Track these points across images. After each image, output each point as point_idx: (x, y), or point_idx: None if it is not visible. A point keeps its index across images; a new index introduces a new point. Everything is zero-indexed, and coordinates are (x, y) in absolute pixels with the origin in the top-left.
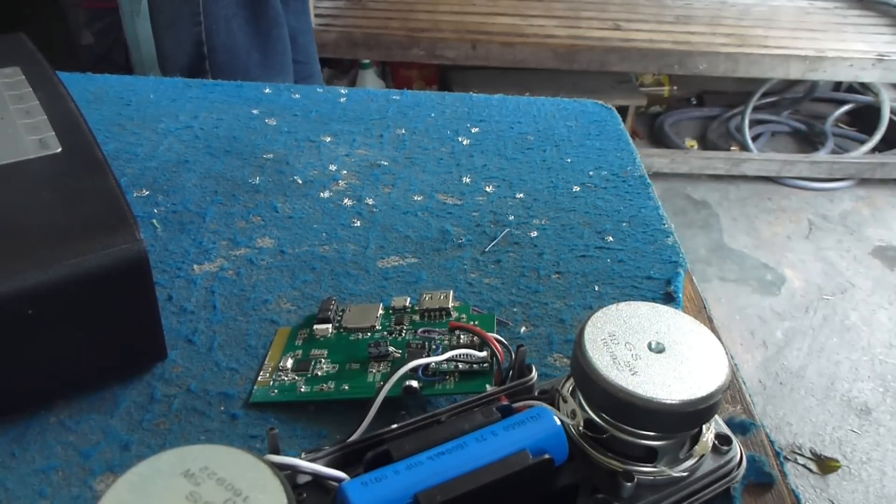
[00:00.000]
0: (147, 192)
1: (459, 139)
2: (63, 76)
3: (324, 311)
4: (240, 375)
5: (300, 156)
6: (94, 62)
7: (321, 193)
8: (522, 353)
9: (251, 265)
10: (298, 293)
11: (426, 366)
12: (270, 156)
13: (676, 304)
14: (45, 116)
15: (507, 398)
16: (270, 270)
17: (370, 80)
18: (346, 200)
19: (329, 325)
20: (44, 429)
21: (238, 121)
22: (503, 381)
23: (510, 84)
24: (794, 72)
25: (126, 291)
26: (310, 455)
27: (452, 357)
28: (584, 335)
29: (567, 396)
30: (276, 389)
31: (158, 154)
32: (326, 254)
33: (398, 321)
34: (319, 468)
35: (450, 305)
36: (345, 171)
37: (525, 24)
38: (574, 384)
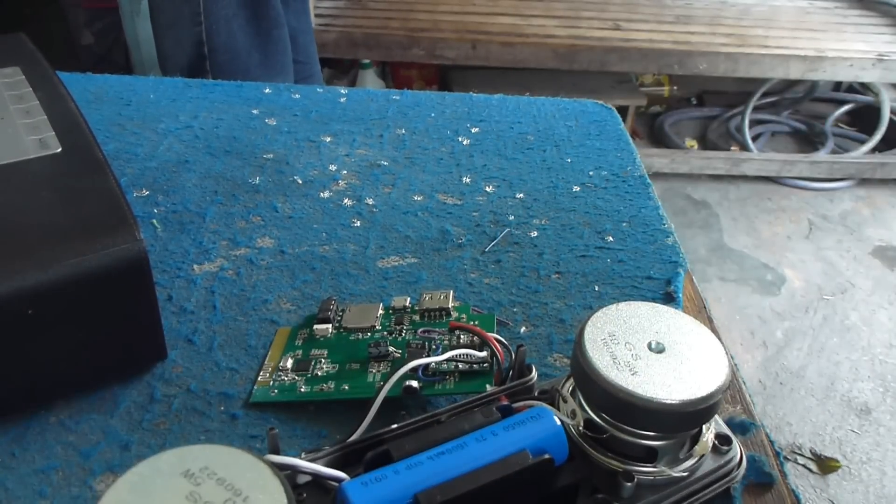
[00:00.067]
0: (147, 192)
1: (459, 139)
2: (63, 76)
3: (324, 311)
4: (240, 375)
5: (300, 156)
6: (94, 62)
7: (321, 193)
8: (522, 353)
9: (251, 265)
10: (298, 293)
11: (426, 366)
12: (270, 156)
13: (676, 304)
14: (45, 116)
15: (507, 398)
16: (270, 270)
17: (370, 80)
18: (346, 200)
19: (329, 325)
20: (44, 429)
21: (238, 121)
22: (503, 381)
23: (510, 84)
24: (794, 72)
25: (126, 291)
26: (310, 455)
27: (452, 357)
28: (584, 335)
29: (567, 396)
30: (276, 389)
31: (158, 154)
32: (326, 254)
33: (398, 321)
34: (319, 468)
35: (450, 305)
36: (345, 171)
37: (525, 24)
38: (574, 384)
